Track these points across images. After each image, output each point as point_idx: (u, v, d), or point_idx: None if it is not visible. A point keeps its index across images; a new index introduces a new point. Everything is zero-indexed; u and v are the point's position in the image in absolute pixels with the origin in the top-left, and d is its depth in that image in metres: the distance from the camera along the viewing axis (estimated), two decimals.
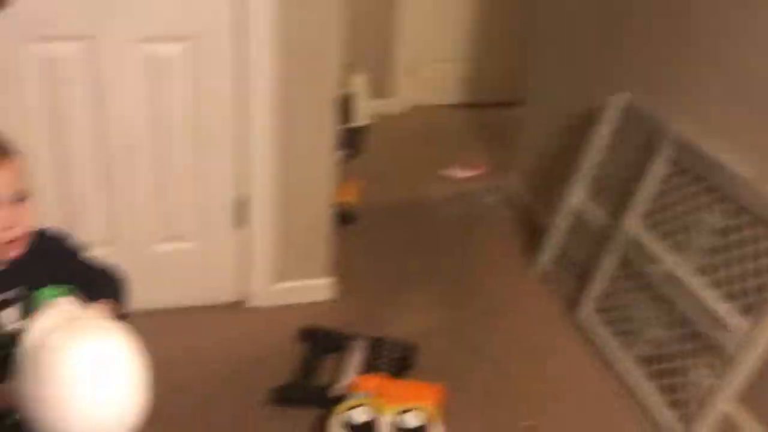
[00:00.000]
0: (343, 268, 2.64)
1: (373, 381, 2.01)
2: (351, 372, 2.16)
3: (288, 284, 2.51)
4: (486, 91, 4.53)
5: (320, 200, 2.42)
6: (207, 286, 2.44)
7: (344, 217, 2.97)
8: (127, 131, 2.17)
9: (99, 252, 1.43)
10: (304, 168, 2.33)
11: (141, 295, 1.44)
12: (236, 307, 2.48)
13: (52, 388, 1.01)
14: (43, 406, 1.02)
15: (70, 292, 1.28)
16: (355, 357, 2.22)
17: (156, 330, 1.23)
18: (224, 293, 2.47)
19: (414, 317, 2.52)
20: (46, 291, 1.23)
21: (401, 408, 1.87)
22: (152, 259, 2.32)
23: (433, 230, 3.12)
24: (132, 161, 2.20)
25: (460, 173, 3.62)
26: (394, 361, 2.21)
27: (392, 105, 4.36)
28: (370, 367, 2.17)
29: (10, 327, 1.19)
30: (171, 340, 2.13)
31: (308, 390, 2.11)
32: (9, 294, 1.19)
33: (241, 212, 2.35)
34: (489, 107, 4.43)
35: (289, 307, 2.50)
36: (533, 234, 2.98)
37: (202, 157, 2.25)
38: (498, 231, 3.13)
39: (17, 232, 1.15)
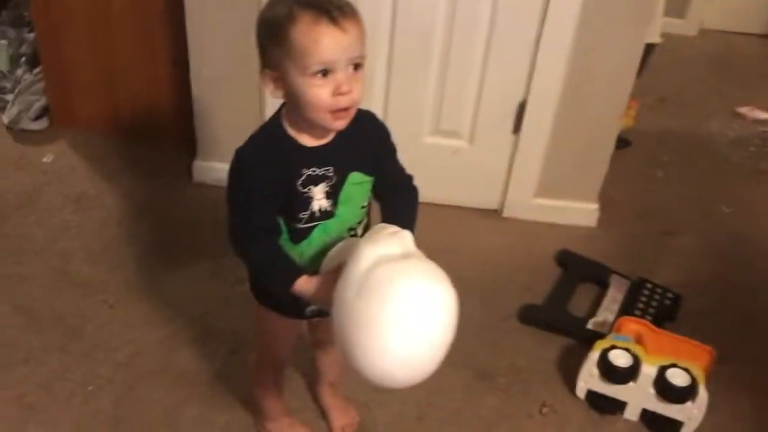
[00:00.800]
0: (608, 195, 2.45)
1: (637, 326, 1.85)
2: (608, 309, 2.01)
3: (549, 202, 2.37)
4: None
5: (607, 119, 2.21)
6: (468, 187, 2.38)
7: (616, 140, 2.73)
8: (424, 13, 2.09)
9: None
10: (599, 80, 2.13)
11: None
12: (492, 214, 2.40)
13: (376, 315, 1.02)
14: (361, 326, 1.03)
15: (371, 185, 1.26)
16: (614, 294, 2.06)
17: None
18: (484, 198, 2.39)
19: (681, 264, 2.28)
20: (355, 176, 1.21)
21: (666, 362, 1.70)
22: (421, 150, 2.29)
23: (716, 171, 2.78)
24: (423, 46, 2.13)
25: (756, 114, 3.18)
26: (657, 308, 2.02)
27: (684, 26, 3.91)
28: (629, 308, 2.01)
29: (316, 204, 1.19)
30: (425, 233, 2.11)
31: (562, 317, 2.00)
32: (320, 171, 1.18)
33: (521, 118, 2.22)
34: None
35: (546, 226, 2.37)
36: None
37: (493, 55, 2.12)
38: None
39: (350, 99, 1.10)
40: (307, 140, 1.17)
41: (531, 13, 2.05)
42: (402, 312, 1.02)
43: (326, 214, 1.21)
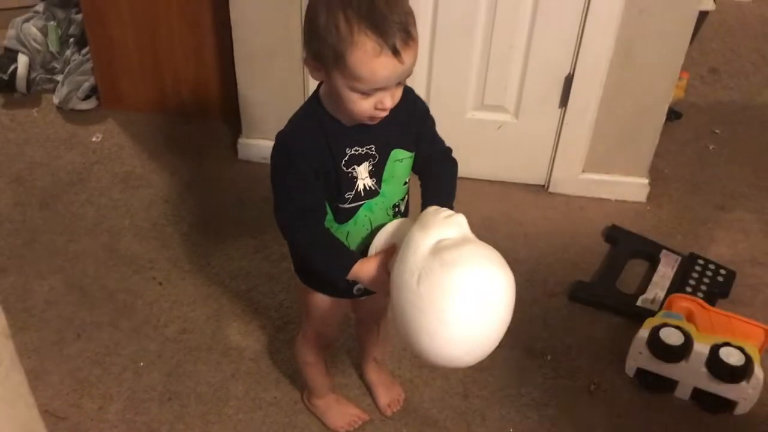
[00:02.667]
0: (658, 169, 2.39)
1: (689, 303, 1.81)
2: (659, 286, 1.97)
3: (597, 176, 2.32)
4: None
5: (658, 90, 2.14)
6: (514, 163, 2.33)
7: (666, 113, 2.65)
8: None
9: None
10: (650, 50, 2.05)
11: None
12: (539, 190, 2.36)
13: (440, 301, 1.03)
14: (425, 312, 1.04)
15: (413, 160, 1.25)
16: (665, 271, 2.02)
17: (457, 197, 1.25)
18: (530, 174, 2.35)
19: (734, 240, 2.22)
20: (397, 153, 1.20)
21: (719, 340, 1.66)
22: (465, 126, 2.25)
23: None
24: (466, 19, 2.09)
25: None
26: (709, 285, 1.97)
27: None
28: (680, 285, 1.97)
29: (361, 183, 1.18)
30: (470, 209, 2.09)
31: (612, 294, 1.97)
32: (362, 149, 1.17)
33: (568, 91, 2.17)
34: None
35: (594, 201, 2.32)
36: None
37: (539, 26, 2.07)
38: None
39: (387, 111, 1.10)
40: (348, 119, 1.16)
41: None
42: (466, 298, 1.03)
43: (371, 193, 1.20)
